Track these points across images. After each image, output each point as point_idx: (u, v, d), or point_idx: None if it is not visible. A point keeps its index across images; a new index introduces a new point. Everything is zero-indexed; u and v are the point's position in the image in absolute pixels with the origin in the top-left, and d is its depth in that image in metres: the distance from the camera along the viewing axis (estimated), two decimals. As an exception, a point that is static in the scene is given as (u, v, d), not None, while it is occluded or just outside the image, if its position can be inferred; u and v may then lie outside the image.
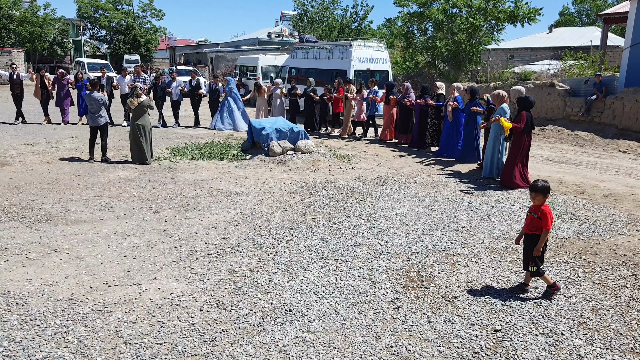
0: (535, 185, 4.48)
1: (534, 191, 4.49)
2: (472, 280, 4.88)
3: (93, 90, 9.77)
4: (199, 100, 15.42)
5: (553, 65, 19.92)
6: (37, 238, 5.69)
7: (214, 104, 15.52)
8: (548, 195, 4.50)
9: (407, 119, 12.87)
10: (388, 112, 13.43)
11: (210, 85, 15.59)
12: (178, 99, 15.27)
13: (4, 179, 8.22)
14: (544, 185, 4.46)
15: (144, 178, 8.66)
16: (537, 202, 4.50)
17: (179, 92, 15.29)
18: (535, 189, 4.48)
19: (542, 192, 4.45)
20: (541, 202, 4.48)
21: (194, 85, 15.34)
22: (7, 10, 38.20)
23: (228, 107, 15.08)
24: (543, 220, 4.43)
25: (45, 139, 12.21)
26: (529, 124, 8.26)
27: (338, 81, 14.46)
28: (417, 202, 7.56)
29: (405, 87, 12.91)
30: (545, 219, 4.42)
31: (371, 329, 3.99)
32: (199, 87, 15.42)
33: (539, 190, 4.45)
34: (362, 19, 32.60)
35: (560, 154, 12.10)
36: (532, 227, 4.53)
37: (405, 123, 12.92)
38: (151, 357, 3.53)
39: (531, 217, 4.53)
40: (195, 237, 5.86)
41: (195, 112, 15.49)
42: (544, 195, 4.46)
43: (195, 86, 15.33)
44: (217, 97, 15.40)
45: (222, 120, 15.02)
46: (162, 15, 61.48)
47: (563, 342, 3.85)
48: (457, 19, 21.29)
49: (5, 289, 4.44)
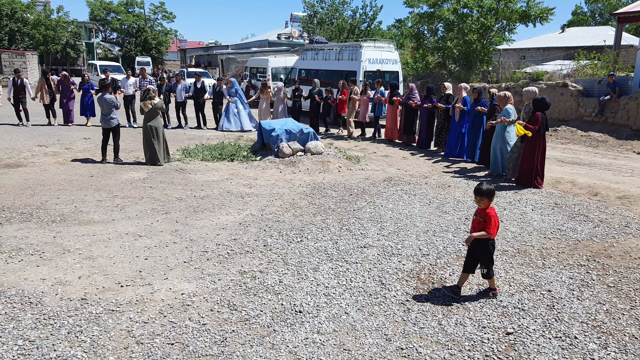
0: (479, 189, 4.37)
1: (479, 194, 4.37)
2: (483, 283, 4.85)
3: (104, 92, 9.85)
4: (203, 102, 15.49)
5: (566, 66, 19.73)
6: (50, 238, 5.74)
7: (217, 105, 15.63)
8: (493, 199, 4.41)
9: (411, 119, 12.88)
10: (392, 113, 13.48)
11: (214, 88, 15.66)
12: (183, 100, 15.37)
13: (18, 180, 8.32)
14: (488, 188, 4.35)
15: (156, 179, 8.71)
16: (483, 205, 4.39)
17: (184, 94, 15.39)
18: (479, 192, 4.37)
19: (487, 195, 4.34)
20: (486, 205, 4.39)
21: (199, 87, 15.40)
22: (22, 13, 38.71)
23: (234, 108, 15.17)
24: (487, 224, 4.33)
25: (59, 140, 12.33)
26: (543, 125, 8.24)
27: (342, 83, 14.51)
28: (428, 204, 7.52)
29: (410, 88, 12.94)
30: (488, 222, 4.33)
31: (382, 330, 3.98)
32: (204, 89, 15.48)
33: (484, 194, 4.34)
34: (372, 19, 32.59)
35: (573, 155, 11.99)
36: (478, 230, 4.43)
37: (409, 124, 12.93)
38: (163, 357, 3.55)
39: (477, 220, 4.44)
40: (206, 238, 5.89)
41: (197, 114, 15.54)
42: (489, 199, 4.36)
43: (200, 88, 15.38)
44: (221, 99, 15.50)
45: (229, 121, 15.13)
46: (173, 17, 61.89)
47: (576, 346, 3.81)
48: (468, 19, 21.18)
49: (19, 289, 4.49)
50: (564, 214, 7.08)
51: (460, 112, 10.96)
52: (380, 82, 13.95)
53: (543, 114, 8.25)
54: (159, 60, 57.29)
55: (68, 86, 14.97)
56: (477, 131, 10.72)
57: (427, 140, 12.44)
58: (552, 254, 5.62)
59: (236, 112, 15.17)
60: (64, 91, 14.96)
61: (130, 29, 57.70)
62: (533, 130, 8.17)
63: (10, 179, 8.40)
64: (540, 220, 6.78)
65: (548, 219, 6.84)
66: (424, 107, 12.10)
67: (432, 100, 11.88)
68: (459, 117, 11.02)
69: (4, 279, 4.68)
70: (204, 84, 15.63)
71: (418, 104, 12.40)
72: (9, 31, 37.55)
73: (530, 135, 8.18)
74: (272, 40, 42.06)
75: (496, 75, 20.57)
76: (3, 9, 37.15)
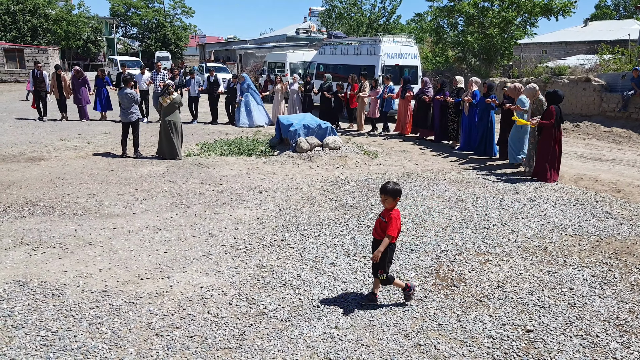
0: (384, 187, 4.10)
1: (383, 193, 4.10)
2: (503, 280, 4.80)
3: (125, 87, 9.96)
4: (217, 97, 15.54)
5: (588, 60, 19.34)
6: (72, 231, 5.84)
7: (230, 101, 15.69)
8: (399, 199, 4.13)
9: (425, 113, 12.96)
10: (404, 107, 13.48)
11: (229, 83, 15.71)
12: (196, 95, 15.42)
13: (40, 174, 8.47)
14: (394, 187, 4.08)
15: (175, 173, 8.79)
16: (387, 205, 4.11)
17: (197, 89, 15.45)
18: (384, 191, 4.10)
19: (392, 194, 4.07)
20: (391, 205, 4.11)
21: (212, 82, 15.44)
22: (44, 9, 39.30)
23: (247, 103, 15.24)
24: (388, 225, 4.05)
25: (80, 134, 12.52)
26: (558, 118, 8.24)
27: (352, 77, 14.51)
28: (447, 200, 7.46)
29: (424, 82, 13.06)
30: (390, 224, 4.05)
31: (400, 326, 3.96)
32: (217, 84, 15.51)
33: (389, 193, 4.07)
34: (391, 13, 32.36)
35: (595, 151, 11.77)
36: (380, 231, 4.17)
37: (424, 117, 13.01)
38: (182, 350, 3.59)
39: (379, 221, 4.17)
40: (225, 232, 5.92)
41: (212, 108, 15.60)
42: (394, 199, 4.08)
43: (213, 83, 15.43)
44: (235, 95, 15.55)
45: (246, 115, 15.20)
46: (192, 12, 62.31)
47: (598, 345, 3.75)
48: (488, 13, 20.87)
49: (42, 280, 4.57)
50: (586, 211, 6.96)
51: (470, 106, 11.05)
52: (389, 78, 13.99)
53: (557, 107, 8.24)
54: (178, 55, 57.71)
55: (81, 81, 14.95)
56: (486, 125, 10.81)
57: (440, 134, 12.53)
58: (573, 252, 5.53)
59: (250, 107, 15.23)
60: (76, 86, 14.93)
61: (150, 24, 58.21)
62: (549, 125, 8.18)
63: (33, 172, 8.56)
64: (562, 217, 6.68)
65: (569, 216, 6.73)
66: (437, 99, 12.25)
67: (445, 93, 12.03)
68: (468, 111, 11.14)
69: (27, 270, 4.77)
70: (217, 77, 15.66)
71: (431, 99, 12.51)
72: (31, 27, 38.17)
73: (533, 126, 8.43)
74: (290, 35, 42.04)
75: (518, 70, 20.28)
76: (26, 5, 37.76)
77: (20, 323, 3.85)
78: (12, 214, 6.34)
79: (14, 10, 37.20)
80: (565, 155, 11.10)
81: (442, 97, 12.01)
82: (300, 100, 15.33)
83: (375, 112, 13.90)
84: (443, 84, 12.27)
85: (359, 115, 14.42)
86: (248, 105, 15.18)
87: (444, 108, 12.20)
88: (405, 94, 13.16)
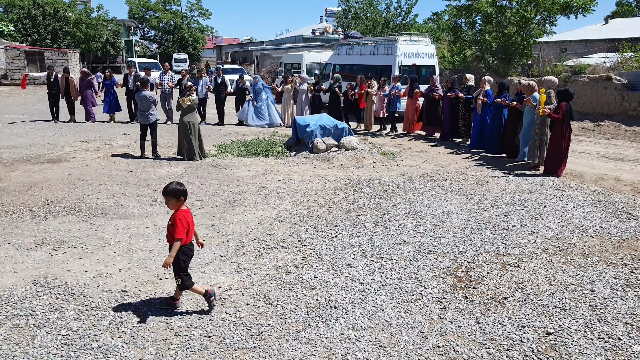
0: (165, 188, 3.92)
1: (165, 194, 3.91)
2: (523, 281, 4.74)
3: (143, 89, 10.06)
4: (224, 98, 15.47)
5: (609, 58, 19.04)
6: (92, 231, 5.91)
7: (239, 102, 15.69)
8: (183, 199, 3.94)
9: (434, 111, 13.14)
10: (412, 105, 13.60)
11: (237, 84, 15.71)
12: (204, 96, 15.44)
13: (61, 175, 8.60)
14: (175, 188, 3.89)
15: (193, 174, 8.86)
16: (171, 206, 3.94)
17: (205, 90, 15.48)
18: (165, 192, 3.90)
19: (174, 195, 3.88)
20: (175, 206, 3.93)
21: (219, 82, 15.34)
22: (63, 12, 39.91)
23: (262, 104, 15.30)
24: (175, 228, 3.86)
25: (100, 136, 12.68)
26: (567, 114, 8.57)
27: (360, 77, 14.59)
28: (465, 200, 7.40)
29: (433, 80, 13.25)
30: (176, 227, 3.86)
31: (418, 328, 3.93)
32: (224, 84, 15.43)
33: (170, 194, 3.88)
34: (407, 13, 32.20)
35: (617, 151, 11.57)
36: (169, 235, 4.00)
37: (433, 115, 13.18)
38: (200, 349, 3.61)
39: (169, 225, 3.97)
40: (242, 233, 5.95)
41: (219, 109, 15.51)
42: (177, 199, 3.89)
43: (220, 83, 15.33)
44: (244, 95, 15.52)
45: (257, 115, 15.25)
46: (209, 14, 62.86)
47: (620, 348, 3.68)
48: (507, 12, 20.68)
49: (63, 280, 4.64)
50: (607, 212, 6.84)
51: (483, 105, 11.19)
52: (397, 78, 14.10)
53: (567, 104, 8.56)
54: (196, 57, 58.20)
55: (86, 83, 15.00)
56: (499, 123, 10.93)
57: (450, 132, 12.67)
58: (594, 253, 5.44)
59: (264, 106, 15.28)
60: (82, 88, 15.02)
61: (168, 27, 58.80)
62: (556, 119, 8.57)
63: (53, 173, 8.69)
64: (583, 218, 6.57)
65: (590, 217, 6.63)
66: (447, 97, 12.42)
67: (455, 91, 12.22)
68: (480, 110, 11.28)
69: (49, 270, 4.84)
70: (224, 78, 15.55)
71: (441, 96, 12.71)
72: (51, 30, 38.76)
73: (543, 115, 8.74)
74: (306, 36, 42.09)
75: (537, 68, 20.03)
76: (46, 9, 38.38)
77: (42, 322, 3.91)
78: (33, 215, 6.45)
79: (34, 14, 37.84)
80: (586, 155, 10.95)
81: (453, 95, 12.17)
82: (309, 100, 15.38)
83: (383, 111, 13.98)
84: (453, 83, 12.53)
85: (368, 115, 14.52)
86: (264, 105, 15.25)
87: (454, 106, 12.37)
88: (413, 92, 13.27)
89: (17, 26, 38.11)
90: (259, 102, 15.26)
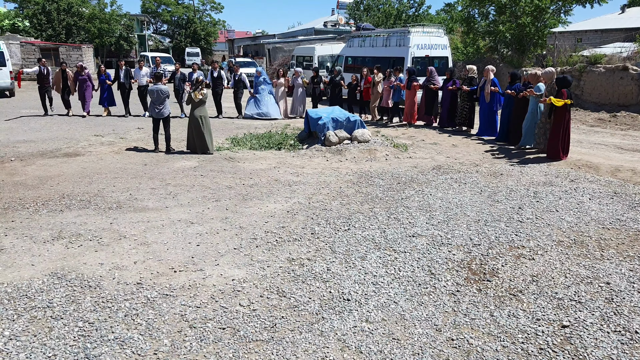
0: None
1: None
2: (537, 274, 4.70)
3: (157, 83, 10.11)
4: (221, 91, 15.37)
5: (626, 48, 18.66)
6: (107, 225, 5.98)
7: (237, 94, 15.57)
8: None
9: (432, 101, 13.59)
10: (411, 97, 13.82)
11: (234, 76, 15.66)
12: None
13: (77, 169, 8.69)
14: None
15: (206, 168, 8.90)
16: None
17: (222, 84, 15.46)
18: None
19: None
20: None
21: (216, 76, 15.21)
22: (77, 8, 40.22)
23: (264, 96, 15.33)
24: None
25: (114, 130, 12.79)
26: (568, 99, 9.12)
27: (366, 70, 14.76)
28: (479, 193, 7.34)
29: (430, 71, 13.63)
30: None
31: (431, 321, 3.92)
32: (221, 78, 15.31)
33: None
34: (420, 4, 31.92)
35: (634, 142, 11.39)
36: None
37: (430, 105, 13.65)
38: (215, 341, 3.64)
39: None
40: (255, 226, 5.97)
41: (216, 102, 15.41)
42: None
43: (217, 77, 15.21)
44: (241, 87, 15.43)
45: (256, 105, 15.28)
46: (221, 8, 62.82)
47: (637, 341, 3.64)
48: (521, 2, 20.35)
49: (79, 272, 4.70)
50: (624, 204, 6.75)
51: (492, 93, 11.55)
52: (399, 70, 14.23)
53: (568, 90, 9.11)
54: (208, 51, 58.29)
55: (84, 78, 15.06)
56: (510, 112, 11.16)
57: (448, 120, 13.11)
58: (610, 245, 5.37)
59: (264, 99, 15.32)
60: (79, 82, 15.08)
61: (180, 21, 58.94)
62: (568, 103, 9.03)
63: (69, 167, 8.79)
64: (598, 210, 6.49)
65: (607, 209, 6.54)
66: (448, 89, 12.78)
67: (455, 82, 12.58)
68: (489, 99, 11.63)
69: (65, 263, 4.91)
70: (220, 72, 15.43)
71: (439, 87, 13.15)
72: (65, 25, 39.10)
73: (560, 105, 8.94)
74: (318, 29, 41.91)
75: (552, 59, 19.74)
76: (60, 4, 38.70)
77: (59, 314, 3.97)
78: (50, 208, 6.53)
79: (49, 10, 38.19)
80: (602, 147, 10.81)
81: (454, 87, 12.53)
82: (304, 95, 15.37)
83: (389, 102, 14.11)
84: (452, 73, 12.99)
85: (372, 106, 14.68)
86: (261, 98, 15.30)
87: (454, 96, 12.78)
88: (411, 84, 13.42)
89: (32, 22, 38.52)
90: (258, 94, 15.30)
